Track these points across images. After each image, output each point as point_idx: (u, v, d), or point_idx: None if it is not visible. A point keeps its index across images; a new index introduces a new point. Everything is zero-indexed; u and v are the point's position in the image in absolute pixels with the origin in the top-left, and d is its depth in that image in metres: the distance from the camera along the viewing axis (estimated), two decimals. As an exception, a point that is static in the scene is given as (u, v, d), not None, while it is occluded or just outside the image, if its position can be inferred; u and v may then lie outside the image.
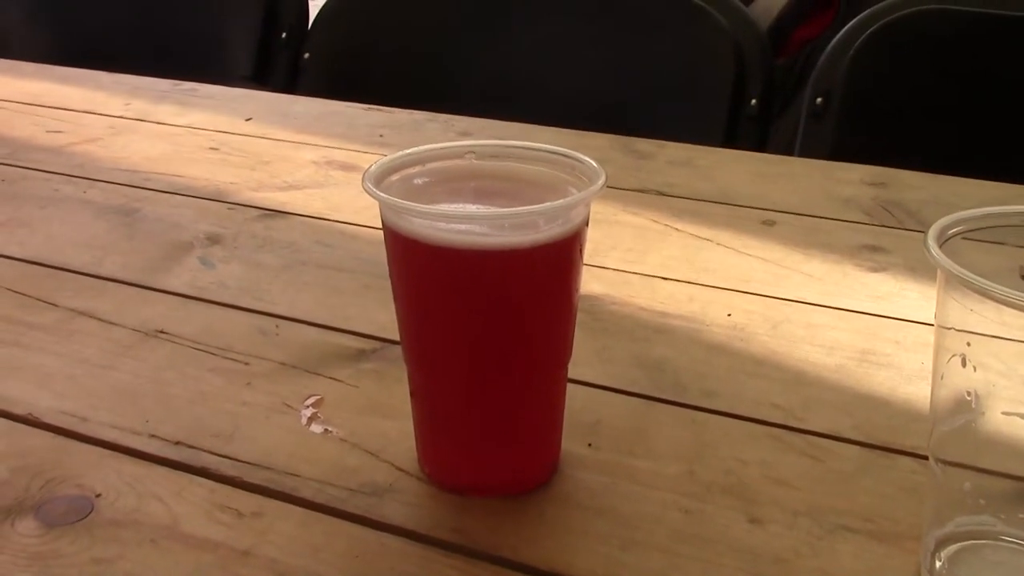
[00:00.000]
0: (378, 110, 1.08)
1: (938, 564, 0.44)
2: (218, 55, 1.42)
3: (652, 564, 0.45)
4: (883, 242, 0.77)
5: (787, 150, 1.21)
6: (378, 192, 0.45)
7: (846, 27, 1.18)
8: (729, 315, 0.66)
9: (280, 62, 1.39)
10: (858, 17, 1.18)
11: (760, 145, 1.19)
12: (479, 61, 1.30)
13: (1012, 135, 1.14)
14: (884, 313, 0.67)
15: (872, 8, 1.19)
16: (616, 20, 1.23)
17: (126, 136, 1.02)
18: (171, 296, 0.69)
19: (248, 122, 1.05)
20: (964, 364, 0.42)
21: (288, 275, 0.72)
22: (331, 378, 0.59)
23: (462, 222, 0.45)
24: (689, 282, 0.71)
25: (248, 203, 0.85)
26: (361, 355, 0.61)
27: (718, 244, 0.77)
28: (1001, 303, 0.38)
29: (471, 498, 0.49)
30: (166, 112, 1.08)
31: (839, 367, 0.60)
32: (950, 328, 0.41)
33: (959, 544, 0.44)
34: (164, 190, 0.88)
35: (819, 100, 1.18)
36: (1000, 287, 0.38)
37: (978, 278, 0.38)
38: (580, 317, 0.66)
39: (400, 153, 0.49)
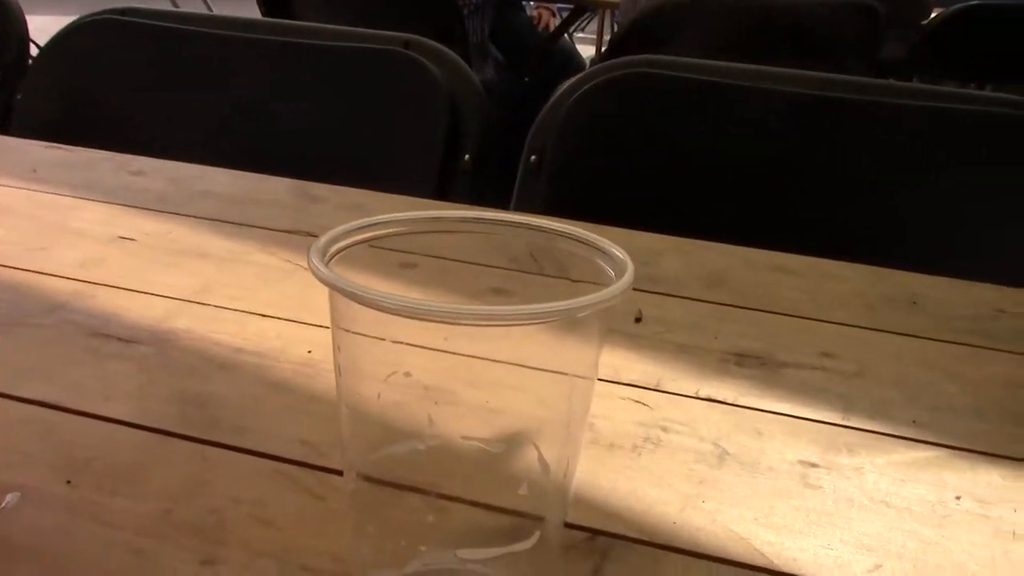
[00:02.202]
0: (57, 148, 1.02)
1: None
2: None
3: (59, 611, 0.39)
4: (512, 286, 0.74)
5: (504, 206, 1.20)
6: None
7: (562, 87, 1.18)
8: (309, 352, 0.62)
9: (-7, 103, 1.31)
10: (575, 78, 1.19)
11: (475, 201, 1.18)
12: (193, 108, 1.25)
13: (713, 196, 1.15)
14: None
15: (590, 69, 1.20)
16: (330, 71, 1.20)
17: None
18: None
19: (-97, 155, 0.97)
20: (413, 382, 0.39)
21: None
22: None
23: None
24: (286, 319, 0.66)
25: None
26: None
27: (343, 284, 0.73)
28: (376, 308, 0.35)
29: None
30: None
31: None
32: (382, 340, 0.38)
33: (419, 583, 0.40)
34: None
35: (533, 158, 1.17)
36: (392, 297, 0.35)
37: (356, 285, 0.36)
38: (145, 352, 0.61)
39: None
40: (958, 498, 0.50)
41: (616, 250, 0.39)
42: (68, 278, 0.70)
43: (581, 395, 0.39)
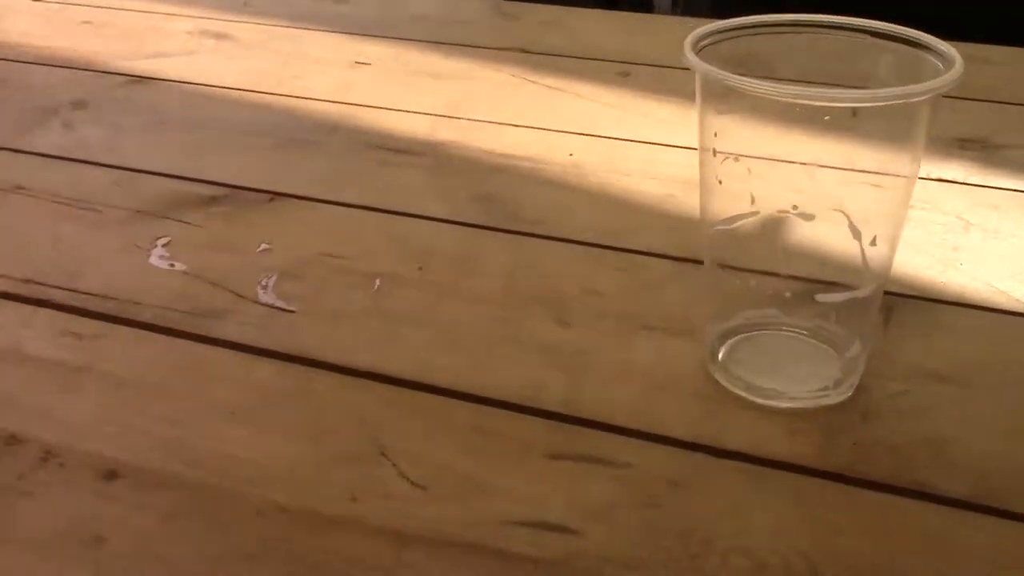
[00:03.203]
0: (256, -18, 1.08)
1: (720, 354, 0.48)
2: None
3: (462, 362, 0.49)
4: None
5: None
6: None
7: None
8: (571, 155, 0.69)
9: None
10: None
11: (636, 7, 1.22)
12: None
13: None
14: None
15: None
16: None
17: (2, 15, 1.01)
18: (33, 156, 0.71)
19: (123, -4, 1.04)
20: (739, 167, 0.45)
21: (149, 134, 0.74)
22: (181, 221, 0.61)
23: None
24: (536, 128, 0.74)
25: (116, 71, 0.86)
26: (212, 201, 0.64)
27: (571, 94, 0.80)
28: (751, 94, 0.41)
29: (302, 316, 0.52)
30: (42, -9, 1.08)
31: (667, 196, 0.64)
32: (714, 134, 0.45)
33: (742, 335, 0.49)
34: (33, 61, 0.88)
35: (696, -36, 1.20)
36: (759, 81, 0.42)
37: (731, 75, 0.42)
38: (426, 161, 0.69)
39: None
40: None
41: (943, 44, 0.44)
42: (330, 101, 0.78)
43: (906, 182, 0.45)
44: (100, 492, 0.41)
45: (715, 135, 0.44)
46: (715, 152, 0.44)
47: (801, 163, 0.45)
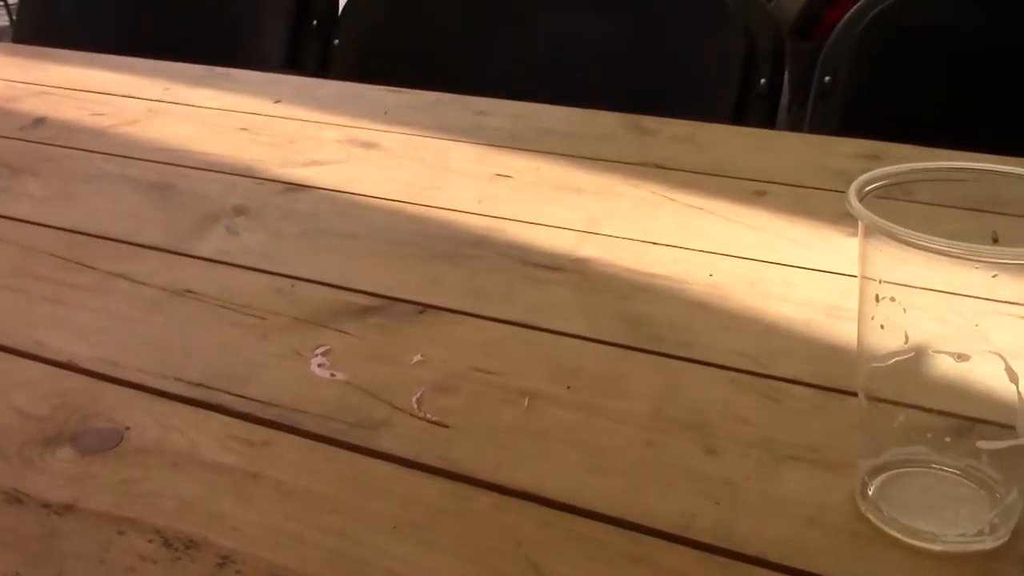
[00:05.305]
0: (398, 92, 1.14)
1: (870, 490, 0.49)
2: (253, 44, 1.48)
3: (614, 486, 0.50)
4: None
5: (797, 128, 1.25)
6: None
7: (855, 5, 1.22)
8: (711, 275, 0.71)
9: (311, 49, 1.45)
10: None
11: (769, 124, 1.23)
12: (499, 47, 1.35)
13: (1016, 113, 1.17)
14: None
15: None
16: (627, 4, 1.27)
17: (163, 118, 1.08)
18: (199, 260, 0.75)
19: (277, 104, 1.11)
20: (895, 307, 0.46)
21: (306, 241, 0.78)
22: (339, 331, 0.65)
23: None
24: (677, 247, 0.75)
25: (273, 178, 0.91)
26: (367, 311, 0.67)
27: (709, 213, 0.81)
28: (917, 248, 0.42)
29: (457, 431, 0.54)
30: (201, 96, 1.15)
31: (808, 321, 0.65)
32: (876, 277, 0.46)
33: (892, 472, 0.49)
34: (196, 167, 0.94)
35: (827, 79, 1.22)
36: (919, 235, 0.43)
37: (897, 227, 0.43)
38: (571, 278, 0.72)
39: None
40: None
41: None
42: (475, 213, 0.82)
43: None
44: (274, 600, 0.43)
45: (879, 281, 0.45)
46: (877, 298, 0.45)
47: (958, 303, 0.46)
